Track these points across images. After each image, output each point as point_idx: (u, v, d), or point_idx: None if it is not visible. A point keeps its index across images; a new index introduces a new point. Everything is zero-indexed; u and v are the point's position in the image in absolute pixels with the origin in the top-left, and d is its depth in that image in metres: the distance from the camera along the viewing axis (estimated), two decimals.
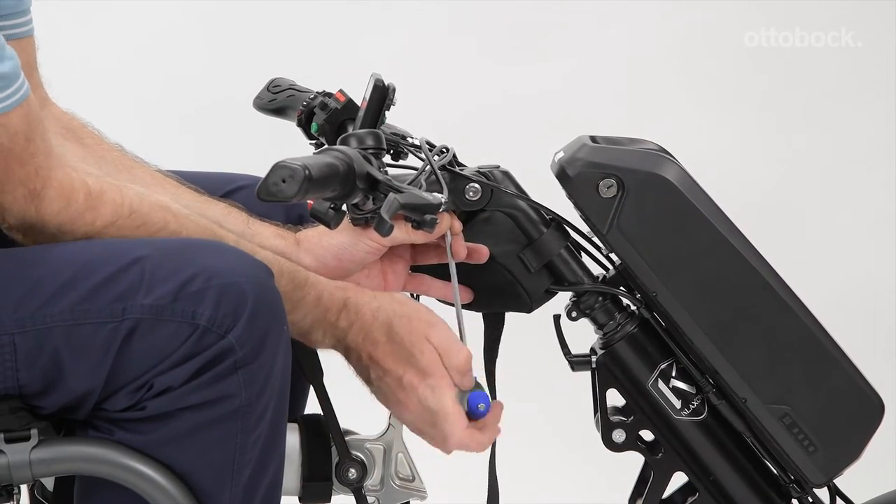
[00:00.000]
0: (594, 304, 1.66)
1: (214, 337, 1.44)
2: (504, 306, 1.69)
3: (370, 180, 1.47)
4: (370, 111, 1.63)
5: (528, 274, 1.66)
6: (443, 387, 1.57)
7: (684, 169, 1.63)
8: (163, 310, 1.44)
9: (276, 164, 1.36)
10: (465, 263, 1.65)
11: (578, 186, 1.61)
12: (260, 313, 1.46)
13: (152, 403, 1.45)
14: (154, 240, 1.54)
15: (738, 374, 1.60)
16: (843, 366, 1.61)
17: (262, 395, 1.47)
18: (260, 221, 1.68)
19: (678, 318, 1.61)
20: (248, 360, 1.45)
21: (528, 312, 1.68)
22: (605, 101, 3.62)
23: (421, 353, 1.58)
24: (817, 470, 1.62)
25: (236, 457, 1.48)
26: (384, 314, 1.59)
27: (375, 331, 1.58)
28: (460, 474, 2.84)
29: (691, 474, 1.66)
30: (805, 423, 1.61)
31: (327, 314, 1.58)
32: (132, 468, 1.46)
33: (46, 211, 1.48)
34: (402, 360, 1.58)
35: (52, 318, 1.44)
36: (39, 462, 1.46)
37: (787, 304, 1.60)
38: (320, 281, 1.59)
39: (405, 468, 1.71)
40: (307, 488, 1.66)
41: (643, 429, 1.67)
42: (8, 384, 1.44)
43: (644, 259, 1.60)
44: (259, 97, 1.86)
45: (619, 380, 1.65)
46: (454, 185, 1.63)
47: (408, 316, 1.59)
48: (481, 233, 1.65)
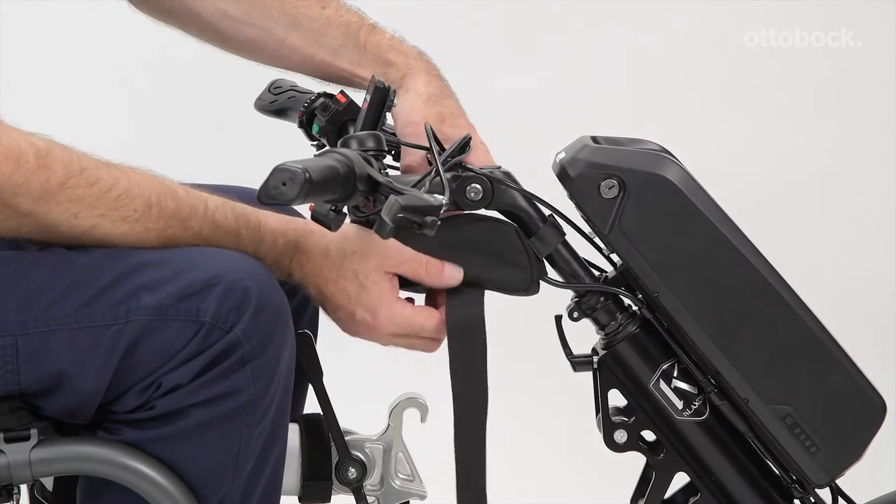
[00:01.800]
0: (596, 305, 1.66)
1: (220, 333, 1.45)
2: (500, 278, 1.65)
3: (371, 182, 1.47)
4: (371, 113, 1.62)
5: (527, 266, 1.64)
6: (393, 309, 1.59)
7: (685, 169, 1.63)
8: (167, 310, 1.45)
9: (276, 168, 1.36)
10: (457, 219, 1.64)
11: (580, 187, 1.61)
12: (265, 308, 1.47)
13: (161, 402, 1.45)
14: None
15: (739, 375, 1.60)
16: (845, 366, 1.61)
17: (268, 389, 1.48)
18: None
19: (680, 319, 1.61)
20: (256, 354, 1.46)
21: (523, 291, 1.66)
22: (606, 101, 3.62)
23: (374, 285, 1.58)
24: (819, 470, 1.62)
25: (240, 451, 1.48)
26: (335, 251, 1.58)
27: (325, 269, 1.58)
28: None
29: (693, 475, 1.66)
30: (807, 424, 1.61)
31: (281, 258, 1.58)
32: (132, 468, 1.46)
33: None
34: (353, 297, 1.58)
35: (55, 322, 1.44)
36: (39, 462, 1.46)
37: (788, 305, 1.60)
38: (269, 223, 1.58)
39: (405, 468, 1.71)
40: (307, 488, 1.66)
41: (645, 429, 1.67)
42: (9, 386, 1.44)
43: (645, 259, 1.60)
44: (260, 98, 1.86)
45: (620, 380, 1.65)
46: (455, 186, 1.62)
47: (360, 251, 1.59)
48: (455, 246, 1.63)
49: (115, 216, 1.47)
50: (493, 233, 1.62)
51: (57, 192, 1.44)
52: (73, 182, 1.45)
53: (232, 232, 1.53)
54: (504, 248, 1.62)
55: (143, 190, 1.49)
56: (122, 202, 1.47)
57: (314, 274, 1.58)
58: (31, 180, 1.43)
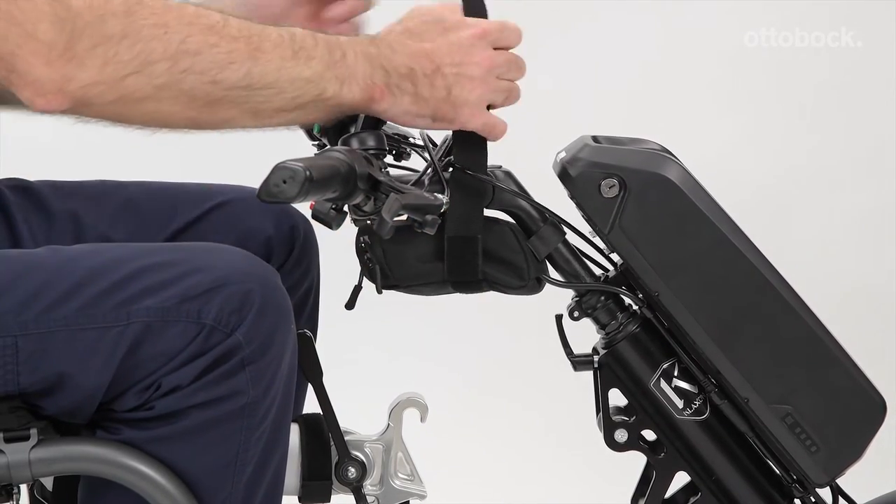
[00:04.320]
0: (596, 304, 1.66)
1: (221, 335, 1.45)
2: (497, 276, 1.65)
3: (371, 181, 1.47)
4: None
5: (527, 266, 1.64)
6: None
7: (686, 169, 1.63)
8: (168, 311, 1.44)
9: (276, 166, 1.36)
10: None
11: (580, 186, 1.61)
12: (267, 311, 1.46)
13: (161, 403, 1.45)
14: (159, 246, 1.54)
15: (740, 374, 1.60)
16: (845, 365, 1.61)
17: (268, 392, 1.48)
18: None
19: (680, 318, 1.61)
20: (256, 358, 1.46)
21: (520, 289, 1.66)
22: (607, 100, 3.62)
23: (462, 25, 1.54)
24: (820, 470, 1.62)
25: (239, 453, 1.48)
26: (400, 27, 1.54)
27: (404, 37, 1.54)
28: (460, 474, 2.84)
29: (693, 474, 1.66)
30: (807, 423, 1.61)
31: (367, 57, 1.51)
32: (131, 467, 1.46)
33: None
34: (444, 49, 1.53)
35: (56, 323, 1.44)
36: (39, 462, 1.46)
37: (789, 304, 1.60)
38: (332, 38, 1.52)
39: (405, 468, 1.71)
40: (307, 488, 1.66)
41: (645, 428, 1.67)
42: (8, 387, 1.44)
43: (646, 259, 1.60)
44: None
45: (621, 380, 1.65)
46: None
47: (430, 12, 1.55)
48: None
49: (202, 24, 1.42)
50: (490, 231, 1.62)
51: (139, 9, 1.39)
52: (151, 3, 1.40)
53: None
54: (501, 246, 1.62)
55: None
56: (204, 17, 1.43)
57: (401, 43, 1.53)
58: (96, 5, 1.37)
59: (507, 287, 1.64)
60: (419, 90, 1.52)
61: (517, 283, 1.63)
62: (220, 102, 1.43)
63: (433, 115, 1.54)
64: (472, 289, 1.64)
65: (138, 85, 1.39)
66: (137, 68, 1.38)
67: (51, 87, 1.37)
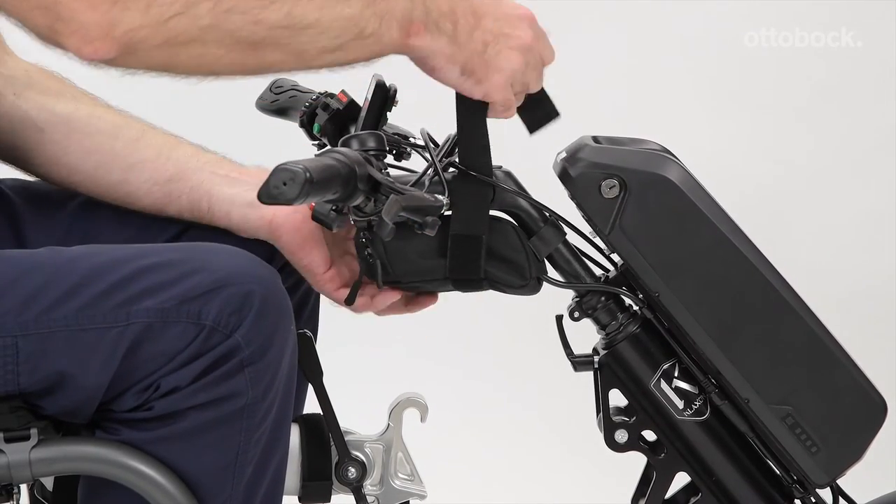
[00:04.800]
0: (596, 305, 1.66)
1: (221, 336, 1.45)
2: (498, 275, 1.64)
3: (371, 182, 1.47)
4: (372, 112, 1.62)
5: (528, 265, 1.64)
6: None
7: (686, 169, 1.63)
8: (168, 312, 1.44)
9: (276, 168, 1.36)
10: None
11: (581, 187, 1.61)
12: (267, 312, 1.46)
13: (159, 403, 1.45)
14: (160, 247, 1.54)
15: (740, 375, 1.60)
16: (846, 366, 1.61)
17: (267, 393, 1.48)
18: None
19: (680, 319, 1.61)
20: (255, 359, 1.46)
21: (521, 289, 1.65)
22: (606, 101, 3.62)
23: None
24: (820, 470, 1.62)
25: (239, 455, 1.48)
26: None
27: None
28: (460, 474, 2.84)
29: (694, 474, 1.66)
30: (808, 424, 1.61)
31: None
32: (132, 467, 1.46)
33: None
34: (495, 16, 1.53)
35: (56, 323, 1.44)
36: (39, 462, 1.46)
37: (789, 305, 1.60)
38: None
39: (405, 468, 1.71)
40: (307, 488, 1.66)
41: (646, 429, 1.67)
42: (8, 387, 1.44)
43: (646, 259, 1.60)
44: (261, 98, 1.85)
45: (621, 380, 1.65)
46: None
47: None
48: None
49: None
50: (493, 230, 1.62)
51: None
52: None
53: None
54: (503, 245, 1.62)
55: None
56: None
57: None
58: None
59: (508, 286, 1.64)
60: (458, 33, 1.50)
61: (519, 282, 1.63)
62: (264, 44, 1.41)
63: (464, 66, 1.52)
64: (473, 287, 1.64)
65: (183, 26, 1.37)
66: (181, 9, 1.36)
67: (97, 33, 1.34)
